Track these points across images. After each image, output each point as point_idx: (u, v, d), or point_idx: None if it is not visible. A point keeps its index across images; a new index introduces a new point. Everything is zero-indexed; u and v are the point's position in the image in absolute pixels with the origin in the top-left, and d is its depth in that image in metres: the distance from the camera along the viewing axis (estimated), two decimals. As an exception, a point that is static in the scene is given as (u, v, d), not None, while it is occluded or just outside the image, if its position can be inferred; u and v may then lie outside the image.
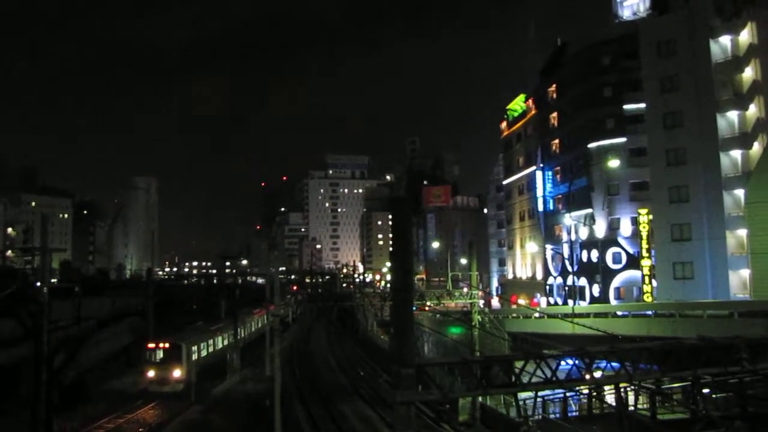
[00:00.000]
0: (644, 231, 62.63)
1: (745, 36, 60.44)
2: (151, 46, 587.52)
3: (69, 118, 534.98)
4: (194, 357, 49.67)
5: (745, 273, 56.04)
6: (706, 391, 22.75)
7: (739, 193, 57.59)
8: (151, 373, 47.06)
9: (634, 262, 66.25)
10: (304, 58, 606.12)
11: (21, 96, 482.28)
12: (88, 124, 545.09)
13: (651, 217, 62.61)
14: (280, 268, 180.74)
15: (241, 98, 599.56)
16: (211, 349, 54.84)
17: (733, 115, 60.18)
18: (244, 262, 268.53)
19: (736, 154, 59.67)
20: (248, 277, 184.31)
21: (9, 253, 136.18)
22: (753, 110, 59.33)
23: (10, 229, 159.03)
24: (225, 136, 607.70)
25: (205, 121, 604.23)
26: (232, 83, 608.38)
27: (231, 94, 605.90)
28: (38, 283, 28.68)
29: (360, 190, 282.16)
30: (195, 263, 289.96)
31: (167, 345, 47.94)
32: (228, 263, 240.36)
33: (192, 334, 54.10)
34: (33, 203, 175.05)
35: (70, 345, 43.81)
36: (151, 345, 48.37)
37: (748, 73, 59.94)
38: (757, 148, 57.85)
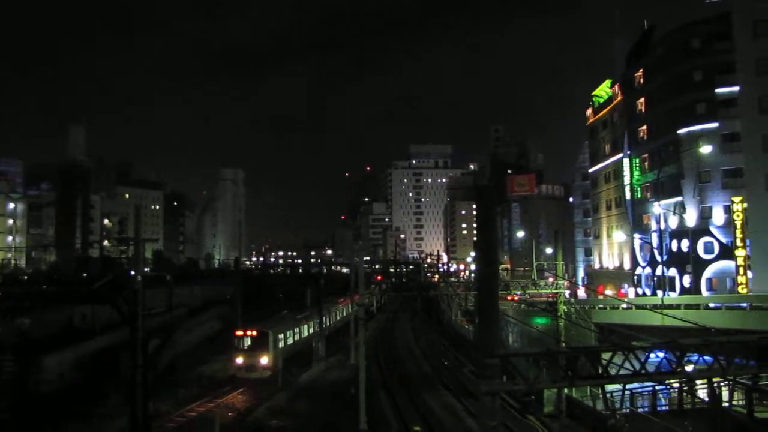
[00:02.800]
0: (738, 220, 60.44)
1: None
2: (229, 45, 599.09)
3: (161, 114, 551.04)
4: (281, 345, 50.54)
5: None
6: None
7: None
8: (239, 360, 48.12)
9: (727, 252, 64.09)
10: (383, 50, 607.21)
11: (115, 96, 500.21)
12: (179, 119, 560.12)
13: (746, 205, 60.34)
14: (365, 258, 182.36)
15: (323, 91, 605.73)
16: (297, 337, 55.68)
17: (834, 97, 57.30)
18: (329, 251, 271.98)
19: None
20: (333, 267, 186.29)
21: (106, 243, 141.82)
22: None
23: (106, 221, 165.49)
24: (309, 127, 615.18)
25: (289, 113, 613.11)
26: (314, 77, 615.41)
27: (314, 87, 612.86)
28: (132, 272, 29.68)
29: (443, 180, 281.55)
30: (281, 253, 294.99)
31: (255, 333, 48.90)
32: (313, 253, 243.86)
33: (278, 322, 55.06)
34: (127, 195, 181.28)
35: (163, 331, 45.36)
36: (239, 332, 49.43)
37: None
38: None
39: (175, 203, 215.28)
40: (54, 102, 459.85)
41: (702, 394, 25.71)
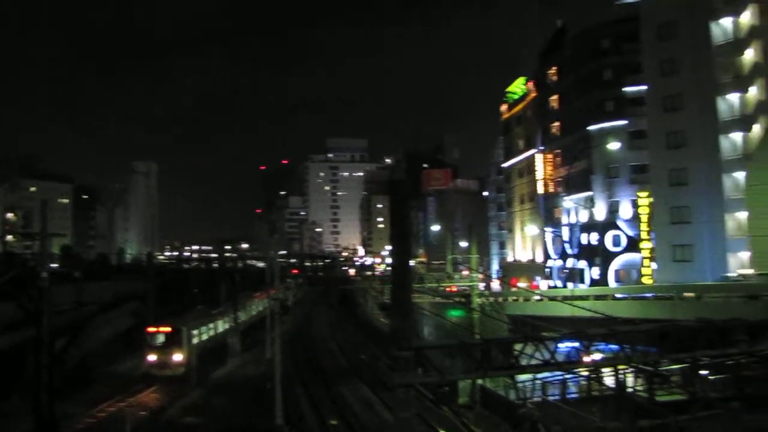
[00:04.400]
0: (644, 214, 62.72)
1: (747, 17, 60.10)
2: (145, 33, 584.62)
3: (68, 106, 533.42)
4: (195, 341, 49.85)
5: (744, 255, 56.05)
6: (704, 372, 22.89)
7: (739, 175, 57.50)
8: (151, 357, 47.23)
9: (633, 244, 66.38)
10: (301, 42, 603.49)
11: (19, 86, 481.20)
12: (88, 111, 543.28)
13: (651, 199, 62.66)
14: (281, 252, 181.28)
15: (238, 82, 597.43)
16: (211, 333, 55.01)
17: (733, 97, 59.91)
18: (245, 246, 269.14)
19: (736, 136, 59.48)
20: (248, 261, 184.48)
21: (9, 237, 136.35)
22: (753, 92, 59.06)
23: (10, 214, 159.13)
24: (224, 120, 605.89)
25: (203, 105, 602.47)
26: (230, 68, 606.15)
27: (228, 78, 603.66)
28: (38, 268, 28.71)
29: (360, 174, 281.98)
30: (195, 247, 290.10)
31: (168, 329, 48.08)
32: (228, 247, 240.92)
33: (192, 318, 54.25)
34: (33, 188, 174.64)
35: (71, 329, 44.09)
36: (152, 329, 48.51)
37: (749, 55, 59.64)
38: (757, 130, 57.62)
39: (85, 197, 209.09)
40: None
41: (609, 381, 26.64)
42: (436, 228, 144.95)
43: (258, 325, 67.92)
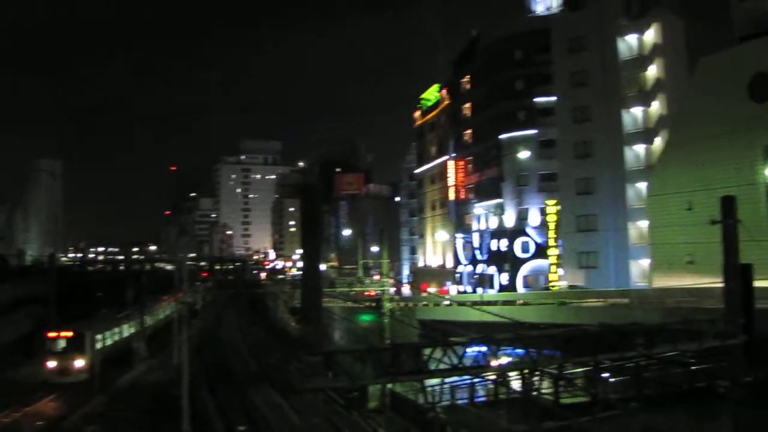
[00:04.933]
0: (552, 221, 64.34)
1: (651, 35, 62.61)
2: (55, 30, 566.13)
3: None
4: (98, 346, 48.37)
5: (645, 262, 58.17)
6: (605, 375, 23.56)
7: (642, 186, 59.64)
8: (52, 364, 45.54)
9: (541, 251, 67.96)
10: (218, 42, 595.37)
11: None
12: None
13: (559, 207, 64.34)
14: (190, 255, 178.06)
15: (149, 81, 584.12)
16: (116, 337, 53.53)
17: (637, 111, 62.31)
18: (153, 248, 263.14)
19: (640, 148, 61.86)
20: (157, 264, 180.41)
21: None
22: (656, 107, 61.61)
23: None
24: (135, 119, 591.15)
25: (114, 103, 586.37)
26: (143, 65, 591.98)
27: (140, 75, 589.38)
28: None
29: (272, 176, 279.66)
30: (102, 249, 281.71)
31: (69, 334, 46.52)
32: (136, 249, 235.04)
33: (96, 322, 52.64)
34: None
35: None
36: (52, 334, 46.83)
37: (652, 72, 62.15)
38: (658, 143, 60.05)
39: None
40: None
41: (515, 384, 27.14)
42: (348, 232, 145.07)
43: (166, 329, 66.38)
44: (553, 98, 67.80)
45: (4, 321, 63.30)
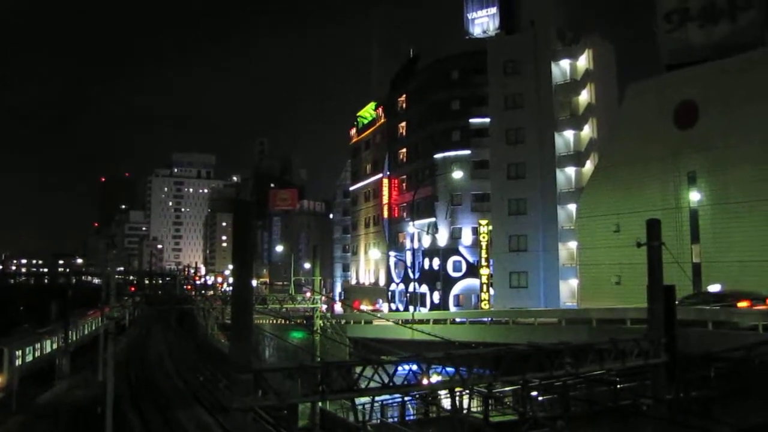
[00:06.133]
0: (484, 241, 64.99)
1: (583, 62, 64.29)
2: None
3: None
4: (17, 362, 46.73)
5: (574, 283, 59.30)
6: (534, 393, 23.86)
7: (572, 207, 60.87)
8: (-33, 380, 43.87)
9: (473, 270, 68.54)
10: (151, 49, 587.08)
11: None
12: None
13: (491, 227, 65.08)
14: (119, 268, 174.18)
15: (81, 89, 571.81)
16: (38, 353, 51.88)
17: (569, 134, 63.75)
18: (80, 261, 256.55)
19: (571, 171, 63.26)
20: (84, 277, 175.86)
21: None
22: (587, 131, 63.20)
23: None
24: (63, 125, 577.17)
25: (41, 107, 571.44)
26: (75, 69, 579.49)
27: (70, 82, 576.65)
28: None
29: (205, 190, 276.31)
30: (24, 261, 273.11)
31: (-13, 349, 44.85)
32: (61, 262, 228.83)
33: (16, 337, 50.90)
34: None
35: None
36: None
37: (584, 96, 63.78)
38: (588, 166, 61.50)
39: None
40: None
41: (446, 402, 27.25)
42: (280, 248, 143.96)
43: (91, 345, 64.67)
44: (488, 119, 68.72)
45: None
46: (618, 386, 25.59)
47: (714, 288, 39.44)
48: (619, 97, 60.08)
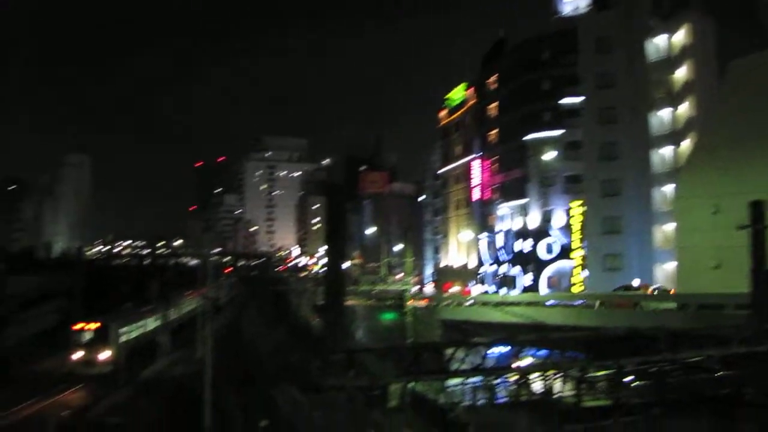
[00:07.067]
0: (576, 223, 63.96)
1: (680, 37, 62.02)
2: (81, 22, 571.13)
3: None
4: (123, 339, 48.81)
5: (669, 266, 57.69)
6: (629, 378, 23.41)
7: (668, 189, 59.14)
8: (77, 355, 46.07)
9: (565, 252, 67.59)
10: (245, 36, 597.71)
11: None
12: (17, 99, 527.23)
13: (583, 209, 63.95)
14: (214, 250, 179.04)
15: (178, 74, 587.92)
16: (141, 331, 53.95)
17: (665, 112, 61.83)
18: (178, 242, 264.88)
19: (667, 150, 61.36)
20: (181, 259, 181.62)
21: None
22: (684, 109, 61.03)
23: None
24: (162, 114, 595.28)
25: (142, 99, 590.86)
26: (172, 59, 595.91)
27: (169, 69, 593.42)
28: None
29: (297, 174, 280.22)
30: (128, 243, 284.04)
31: (95, 326, 46.96)
32: (161, 244, 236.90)
33: (121, 315, 53.12)
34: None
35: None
36: (79, 326, 47.32)
37: (681, 73, 61.58)
38: (686, 145, 59.49)
39: (11, 187, 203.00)
40: None
41: (537, 386, 27.08)
42: (371, 231, 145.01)
43: (189, 323, 66.88)
44: (580, 99, 67.38)
45: (31, 314, 64.15)
46: (718, 374, 24.84)
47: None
48: (719, 74, 57.77)
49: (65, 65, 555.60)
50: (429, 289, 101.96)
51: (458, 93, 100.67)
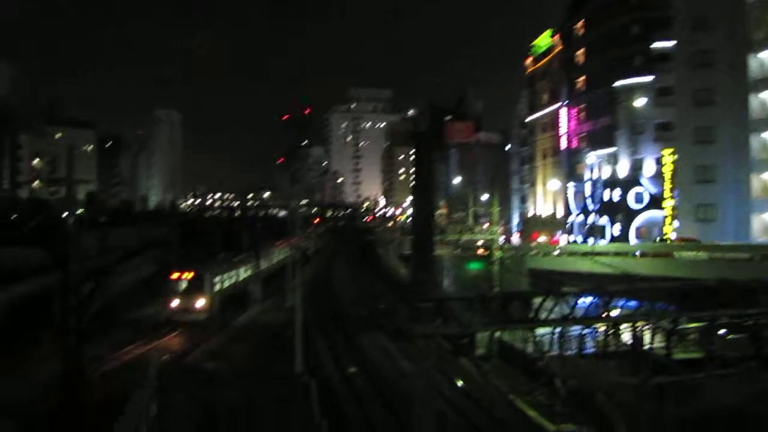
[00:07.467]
0: (668, 171, 62.40)
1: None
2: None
3: (87, 48, 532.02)
4: (217, 287, 50.41)
5: (768, 216, 55.82)
6: (722, 331, 23.00)
7: (766, 136, 56.88)
8: (174, 303, 47.80)
9: (656, 202, 66.15)
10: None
11: (39, 28, 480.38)
12: (108, 55, 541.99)
13: (675, 157, 62.22)
14: (302, 201, 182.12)
15: (260, 30, 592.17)
16: (233, 280, 55.54)
17: (765, 55, 58.99)
18: (267, 194, 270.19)
19: (766, 96, 58.72)
20: (270, 210, 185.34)
21: (35, 183, 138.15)
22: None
23: (36, 161, 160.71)
24: (247, 68, 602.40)
25: (224, 54, 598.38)
26: (252, 17, 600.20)
27: (251, 27, 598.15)
28: (64, 214, 29.18)
29: (382, 124, 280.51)
30: (218, 195, 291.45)
31: (191, 275, 48.58)
32: (250, 195, 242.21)
33: (215, 265, 54.79)
34: (58, 135, 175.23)
35: (96, 274, 44.77)
36: (175, 275, 49.06)
37: (784, 12, 58.51)
38: (788, 90, 56.84)
39: (109, 144, 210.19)
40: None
41: (626, 336, 26.88)
42: (457, 180, 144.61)
43: (279, 273, 68.55)
44: (671, 43, 65.01)
45: (131, 264, 66.91)
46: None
47: None
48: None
49: (157, 18, 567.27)
50: (515, 238, 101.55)
51: (544, 40, 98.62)
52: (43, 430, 23.67)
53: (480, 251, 71.12)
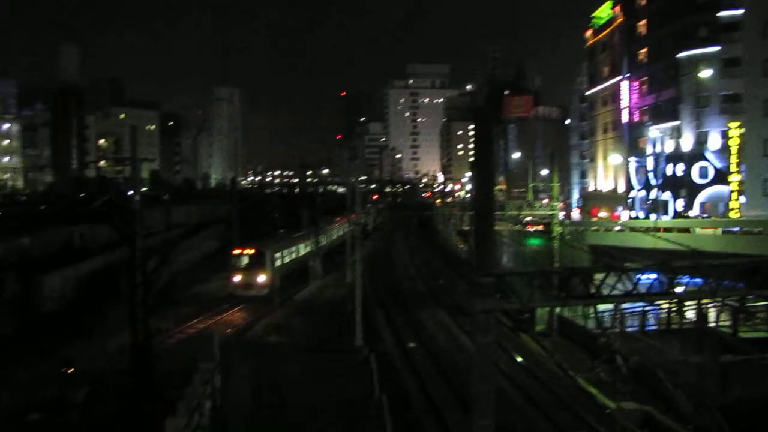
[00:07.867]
0: (734, 145, 60.70)
1: None
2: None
3: (151, 31, 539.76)
4: (278, 263, 51.08)
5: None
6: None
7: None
8: (236, 278, 48.68)
9: (721, 177, 64.50)
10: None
11: (103, 11, 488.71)
12: (170, 37, 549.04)
13: (743, 130, 60.46)
14: (361, 178, 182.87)
15: (319, 8, 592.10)
16: (294, 256, 56.23)
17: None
18: (326, 171, 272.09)
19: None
20: (329, 186, 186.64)
21: (102, 163, 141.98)
22: None
23: (102, 141, 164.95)
24: (305, 45, 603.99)
25: (283, 32, 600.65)
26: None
27: (309, 5, 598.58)
28: (129, 192, 29.86)
29: (440, 100, 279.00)
30: (278, 172, 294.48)
31: (252, 251, 49.30)
32: (310, 172, 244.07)
33: (275, 241, 55.49)
34: (122, 115, 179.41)
35: (161, 250, 45.92)
36: (237, 251, 49.85)
37: None
38: None
39: (171, 123, 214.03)
40: (43, 20, 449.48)
41: (690, 314, 26.40)
42: (516, 156, 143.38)
43: (338, 249, 69.13)
44: (740, 11, 62.90)
45: (193, 240, 68.38)
46: None
47: None
48: None
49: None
50: (576, 214, 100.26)
51: (605, 11, 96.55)
52: (116, 397, 24.59)
53: (532, 227, 70.49)
